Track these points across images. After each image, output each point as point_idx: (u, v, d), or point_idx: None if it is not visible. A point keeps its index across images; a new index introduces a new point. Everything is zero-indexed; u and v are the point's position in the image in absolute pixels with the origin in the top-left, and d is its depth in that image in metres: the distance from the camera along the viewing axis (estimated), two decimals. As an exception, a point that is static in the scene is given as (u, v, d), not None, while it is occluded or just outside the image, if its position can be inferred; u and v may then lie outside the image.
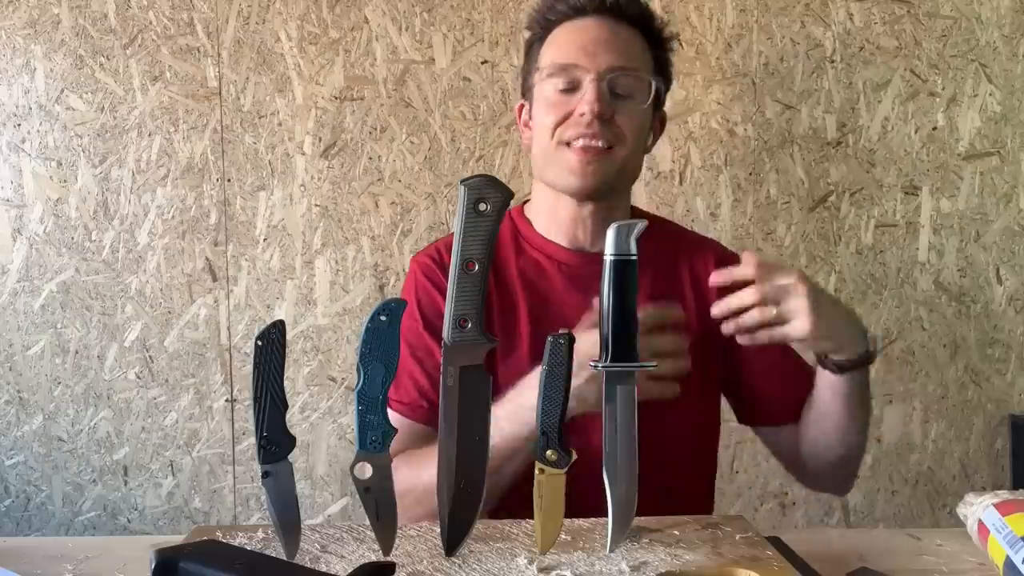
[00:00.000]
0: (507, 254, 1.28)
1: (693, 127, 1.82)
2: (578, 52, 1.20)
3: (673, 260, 1.29)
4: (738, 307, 1.08)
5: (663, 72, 1.28)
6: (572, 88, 1.20)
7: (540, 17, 1.27)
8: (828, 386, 1.18)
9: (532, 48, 1.28)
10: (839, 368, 1.14)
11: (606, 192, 1.23)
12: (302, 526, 0.88)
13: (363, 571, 0.79)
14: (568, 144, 1.20)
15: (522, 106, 1.31)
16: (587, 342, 0.98)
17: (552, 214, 1.27)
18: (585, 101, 1.18)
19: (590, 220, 1.25)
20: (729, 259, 1.32)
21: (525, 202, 1.34)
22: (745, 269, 1.08)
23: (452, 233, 1.35)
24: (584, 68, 1.19)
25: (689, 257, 1.30)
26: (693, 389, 1.25)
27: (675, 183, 1.83)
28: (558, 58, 1.22)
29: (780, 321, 1.07)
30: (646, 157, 1.36)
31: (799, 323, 1.06)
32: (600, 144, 1.18)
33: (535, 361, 1.19)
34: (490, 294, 1.24)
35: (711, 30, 1.81)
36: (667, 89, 1.30)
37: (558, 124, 1.20)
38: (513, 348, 1.22)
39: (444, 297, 1.22)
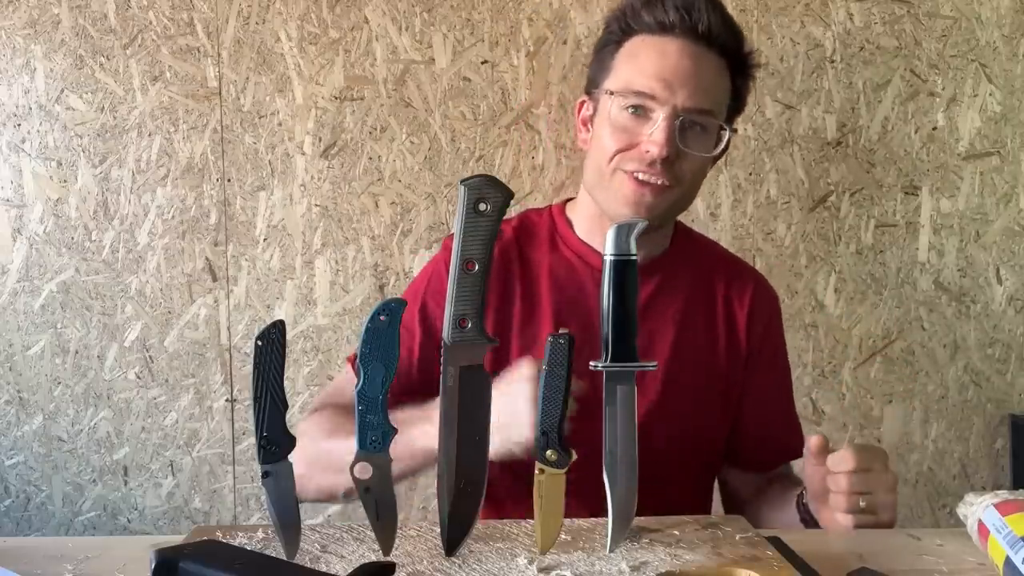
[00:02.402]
0: (540, 250, 1.26)
1: (693, 127, 1.82)
2: (656, 81, 1.13)
3: (710, 286, 1.27)
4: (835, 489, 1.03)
5: (740, 100, 1.23)
6: (643, 115, 1.15)
7: (622, 20, 1.19)
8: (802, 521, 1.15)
9: (606, 49, 1.21)
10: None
11: (654, 226, 1.18)
12: (302, 526, 0.88)
13: (363, 571, 0.79)
14: (626, 172, 1.15)
15: (583, 103, 1.25)
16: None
17: (595, 221, 1.23)
18: (653, 141, 1.13)
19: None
20: (765, 293, 1.31)
21: (567, 200, 1.32)
22: (843, 464, 1.01)
23: None
24: (659, 101, 1.13)
25: (726, 284, 1.28)
26: (716, 412, 1.26)
27: (675, 183, 1.83)
28: (634, 82, 1.15)
29: (868, 511, 1.02)
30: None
31: (886, 517, 1.03)
32: (658, 181, 1.14)
33: None
34: (514, 286, 1.23)
35: (711, 30, 1.81)
36: (740, 113, 1.26)
37: (620, 151, 1.15)
38: (532, 349, 1.20)
39: None
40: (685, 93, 1.13)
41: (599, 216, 1.23)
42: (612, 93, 1.17)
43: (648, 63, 1.15)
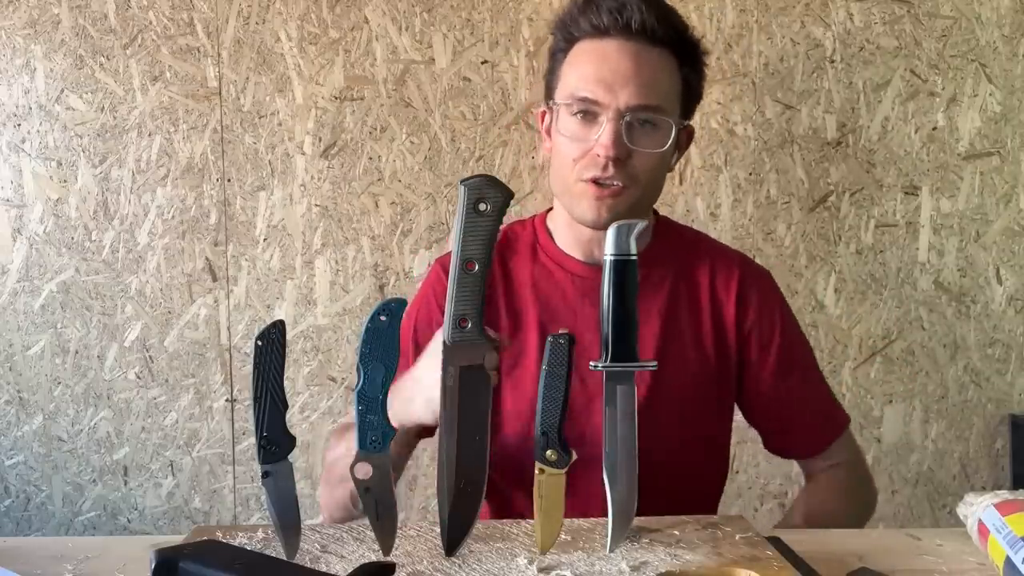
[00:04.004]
0: (523, 262, 1.27)
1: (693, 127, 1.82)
2: (598, 86, 1.14)
3: (694, 278, 1.27)
4: None
5: (692, 90, 1.23)
6: (591, 120, 1.16)
7: (564, 29, 1.21)
8: None
9: (555, 57, 1.23)
10: None
11: None
12: (302, 526, 0.88)
13: (363, 571, 0.79)
14: (585, 181, 1.16)
15: (544, 113, 1.26)
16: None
17: (570, 229, 1.25)
18: (601, 144, 1.14)
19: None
20: (753, 277, 1.29)
21: (549, 210, 1.33)
22: None
23: None
24: (603, 104, 1.14)
25: (711, 268, 1.27)
26: (708, 405, 1.25)
27: (675, 183, 1.83)
28: (579, 89, 1.16)
29: None
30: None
31: None
32: (614, 183, 1.16)
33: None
34: (498, 301, 1.24)
35: (711, 30, 1.81)
36: (697, 103, 1.26)
37: (576, 160, 1.17)
38: (520, 360, 1.22)
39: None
40: (627, 92, 1.14)
41: (572, 225, 1.24)
42: (561, 103, 1.19)
43: (588, 68, 1.17)
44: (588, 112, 1.16)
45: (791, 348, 1.29)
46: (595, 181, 1.16)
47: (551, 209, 1.32)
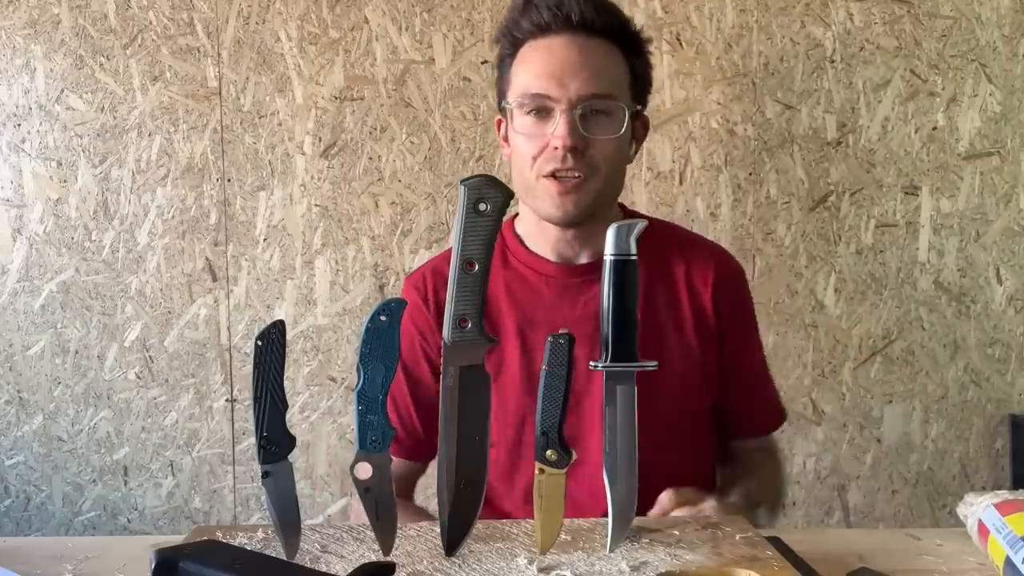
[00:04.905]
0: (495, 270, 1.26)
1: (693, 127, 1.82)
2: (548, 80, 1.17)
3: (667, 261, 1.28)
4: None
5: (641, 78, 1.25)
6: (545, 116, 1.18)
7: (507, 34, 1.24)
8: None
9: (503, 63, 1.25)
10: None
11: (586, 218, 1.21)
12: (302, 526, 0.88)
13: (363, 571, 0.79)
14: (546, 176, 1.18)
15: (500, 121, 1.28)
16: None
17: (540, 230, 1.26)
18: (557, 136, 1.16)
19: (575, 239, 1.25)
20: (727, 267, 1.31)
21: (514, 216, 1.33)
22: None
23: (440, 254, 1.34)
24: (555, 97, 1.16)
25: (685, 258, 1.29)
26: (695, 387, 1.26)
27: (675, 183, 1.83)
28: (529, 87, 1.18)
29: None
30: (642, 157, 1.34)
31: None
32: (575, 175, 1.17)
33: (524, 383, 1.19)
34: None
35: (711, 30, 1.81)
36: (648, 92, 1.28)
37: (535, 157, 1.18)
38: (501, 369, 1.22)
39: (425, 337, 1.25)
40: (577, 83, 1.16)
41: (540, 226, 1.25)
42: (513, 103, 1.21)
43: (537, 65, 1.19)
44: (541, 108, 1.18)
45: (755, 330, 1.36)
46: (555, 175, 1.18)
47: (515, 216, 1.33)
